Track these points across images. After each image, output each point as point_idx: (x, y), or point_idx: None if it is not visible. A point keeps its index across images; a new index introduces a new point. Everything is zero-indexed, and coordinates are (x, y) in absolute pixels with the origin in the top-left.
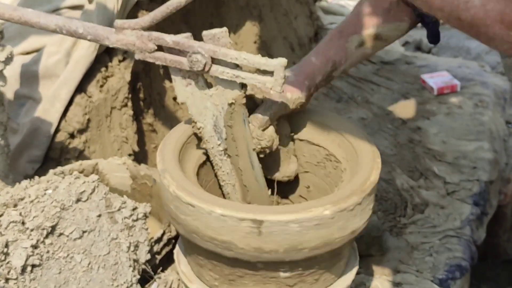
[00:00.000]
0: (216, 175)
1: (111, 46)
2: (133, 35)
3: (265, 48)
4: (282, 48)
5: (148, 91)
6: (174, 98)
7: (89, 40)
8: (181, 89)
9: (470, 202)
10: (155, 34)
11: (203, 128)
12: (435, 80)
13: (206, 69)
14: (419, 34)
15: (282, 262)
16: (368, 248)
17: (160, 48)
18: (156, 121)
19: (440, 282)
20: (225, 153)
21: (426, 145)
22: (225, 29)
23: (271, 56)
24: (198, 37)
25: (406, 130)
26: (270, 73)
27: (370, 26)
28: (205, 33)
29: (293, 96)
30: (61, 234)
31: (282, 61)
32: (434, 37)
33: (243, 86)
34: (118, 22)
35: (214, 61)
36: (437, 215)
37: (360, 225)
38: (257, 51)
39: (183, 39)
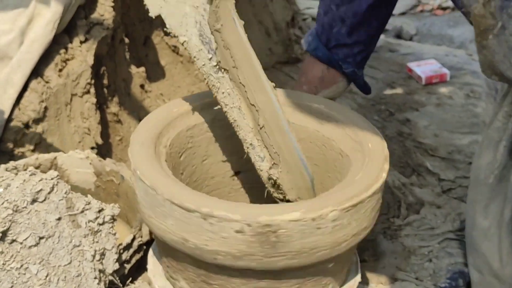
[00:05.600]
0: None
1: None
2: None
3: None
4: (257, 33)
5: (113, 77)
6: (141, 86)
7: None
8: None
9: None
10: None
11: (187, 42)
12: (423, 68)
13: None
14: (400, 21)
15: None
16: (360, 252)
17: None
18: (122, 110)
19: None
20: (220, 67)
21: (417, 138)
22: None
23: None
24: None
25: (394, 123)
26: None
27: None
28: None
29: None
30: (13, 240)
31: None
32: (364, 87)
33: None
34: None
35: None
36: (434, 215)
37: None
38: None
39: None
